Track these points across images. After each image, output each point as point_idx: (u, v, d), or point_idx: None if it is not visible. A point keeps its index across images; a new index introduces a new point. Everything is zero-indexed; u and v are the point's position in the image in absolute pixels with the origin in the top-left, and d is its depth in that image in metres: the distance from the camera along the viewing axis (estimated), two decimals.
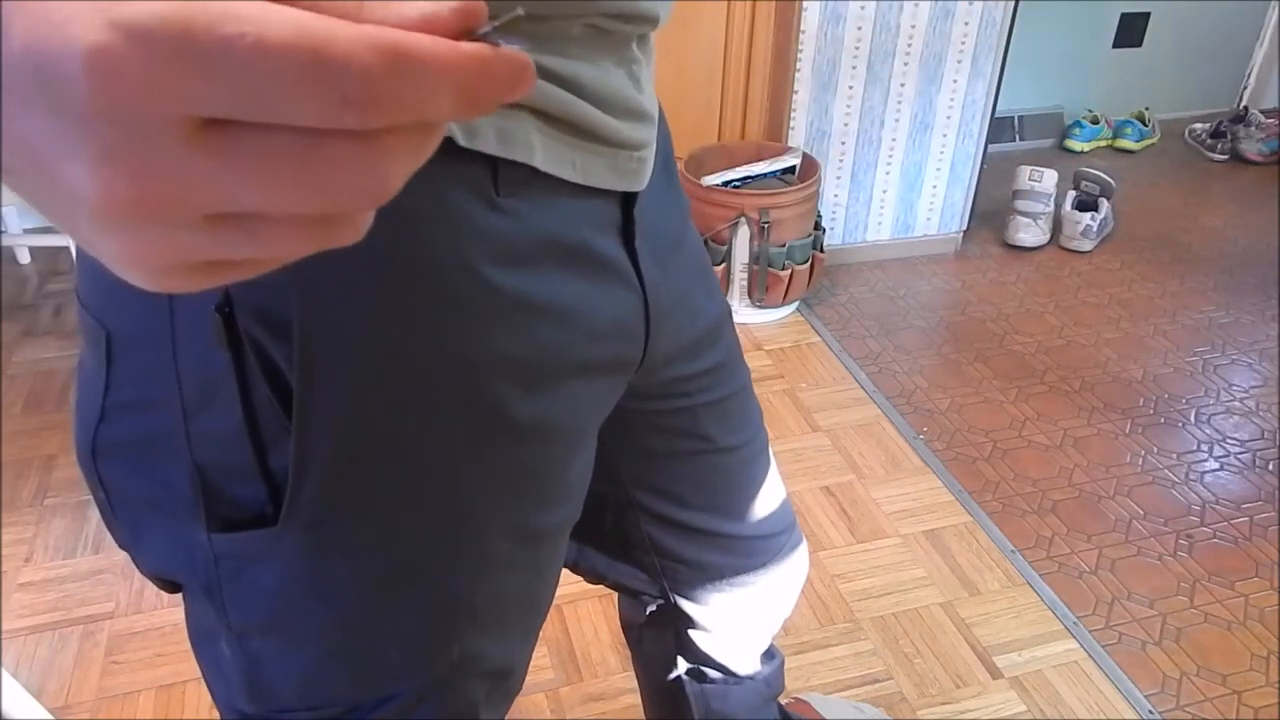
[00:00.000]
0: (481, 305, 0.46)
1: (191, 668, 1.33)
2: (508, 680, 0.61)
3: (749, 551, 0.81)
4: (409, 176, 0.23)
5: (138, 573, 1.58)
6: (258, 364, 0.44)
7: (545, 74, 0.44)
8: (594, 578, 0.84)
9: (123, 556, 1.50)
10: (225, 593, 0.49)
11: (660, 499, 0.75)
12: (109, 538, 1.61)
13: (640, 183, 0.54)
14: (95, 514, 1.60)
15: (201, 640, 0.54)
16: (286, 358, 0.43)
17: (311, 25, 0.19)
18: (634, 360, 0.58)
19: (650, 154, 0.55)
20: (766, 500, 0.80)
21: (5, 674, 1.20)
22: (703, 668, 0.92)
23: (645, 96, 0.52)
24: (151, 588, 1.47)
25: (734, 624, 0.86)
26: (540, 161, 0.46)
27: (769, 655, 0.96)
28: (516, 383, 0.49)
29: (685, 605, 0.84)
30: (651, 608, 0.89)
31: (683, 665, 0.92)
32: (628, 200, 0.54)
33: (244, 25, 0.18)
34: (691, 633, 0.87)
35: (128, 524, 0.51)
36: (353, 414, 0.45)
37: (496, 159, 0.44)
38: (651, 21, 0.49)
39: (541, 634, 1.39)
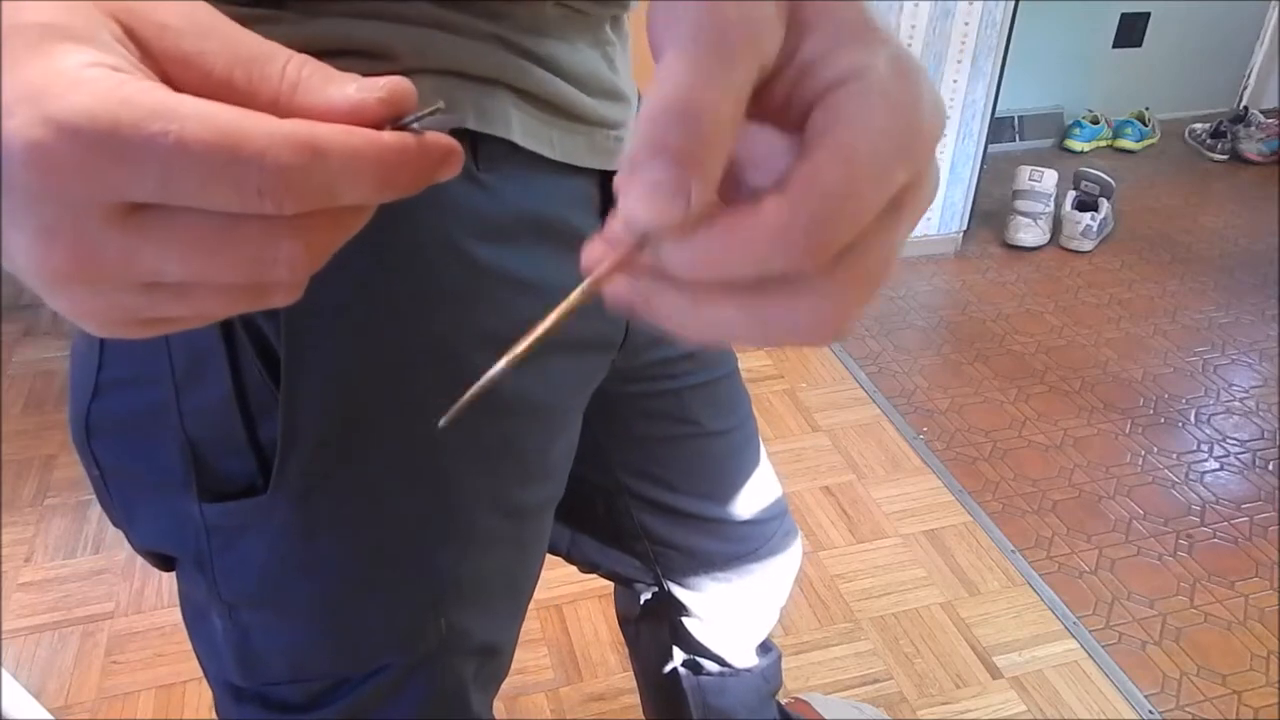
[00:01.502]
0: (463, 279, 0.47)
1: (191, 668, 1.33)
2: (495, 660, 0.62)
3: (740, 537, 0.81)
4: (335, 248, 0.24)
5: (138, 573, 1.59)
6: (247, 337, 0.45)
7: (521, 52, 0.46)
8: (588, 567, 0.84)
9: (123, 556, 1.51)
10: (216, 565, 0.50)
11: (650, 484, 0.76)
12: (109, 538, 1.62)
13: (617, 162, 0.54)
14: (95, 514, 1.60)
15: (194, 616, 0.54)
16: (275, 331, 0.44)
17: (230, 123, 0.21)
18: (616, 339, 0.59)
19: (627, 134, 0.56)
20: (756, 486, 0.80)
21: (5, 674, 1.20)
22: (699, 659, 0.92)
23: (620, 78, 0.54)
24: (152, 587, 1.48)
25: (728, 612, 0.87)
26: (518, 136, 0.47)
27: (765, 649, 0.96)
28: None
29: (679, 593, 0.84)
30: (646, 596, 0.89)
31: (679, 656, 0.93)
32: (606, 180, 0.55)
33: (167, 124, 0.20)
34: (686, 621, 0.88)
35: (121, 500, 0.52)
36: (339, 385, 0.46)
37: (476, 133, 0.45)
38: (622, 3, 0.51)
39: (541, 634, 1.41)
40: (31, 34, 0.21)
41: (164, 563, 0.53)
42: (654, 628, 0.93)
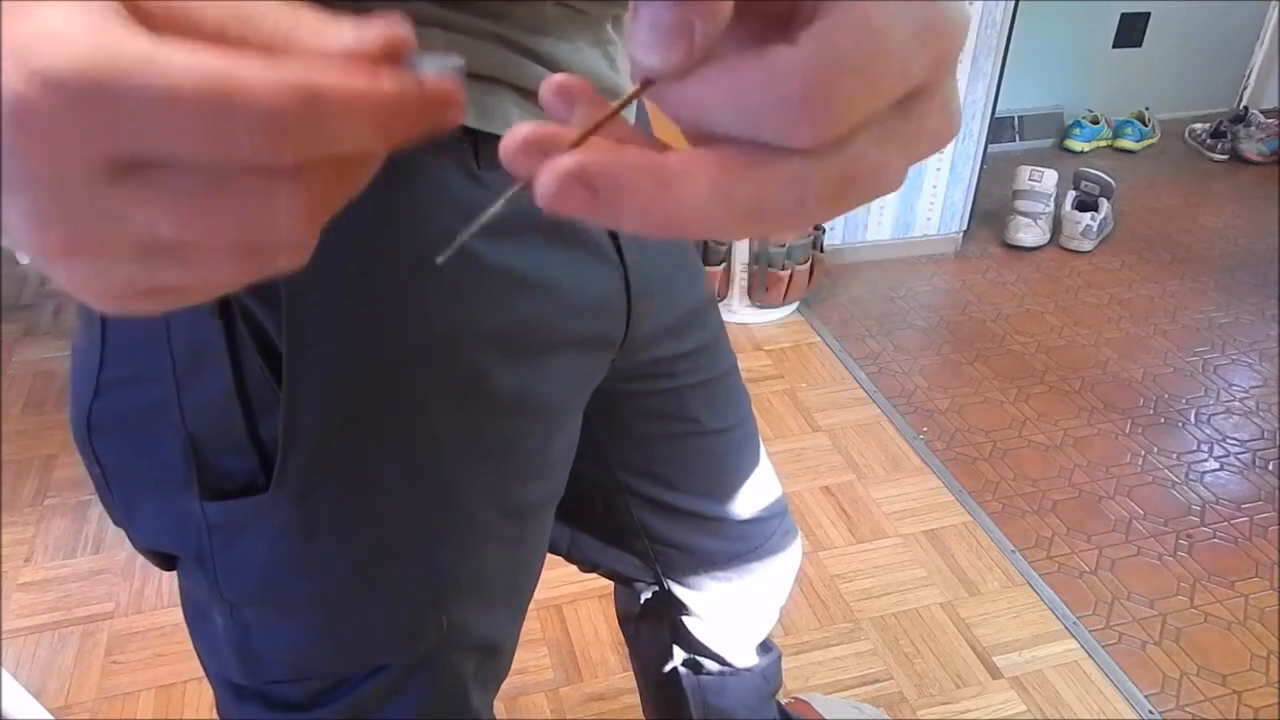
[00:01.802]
0: (464, 276, 0.47)
1: (191, 668, 1.33)
2: (496, 658, 0.62)
3: (740, 536, 0.81)
4: (337, 204, 0.23)
5: (138, 572, 1.59)
6: (248, 333, 0.45)
7: (522, 51, 0.46)
8: (588, 566, 0.84)
9: (123, 556, 1.51)
10: (217, 563, 0.50)
11: (650, 483, 0.76)
12: (109, 537, 1.62)
13: None
14: (95, 514, 1.60)
15: (195, 615, 0.54)
16: (276, 326, 0.44)
17: (221, 71, 0.20)
18: (616, 337, 0.59)
19: None
20: (756, 485, 0.80)
21: (5, 674, 1.20)
22: (699, 658, 0.92)
23: (621, 77, 0.54)
24: (152, 587, 1.48)
25: (728, 611, 0.87)
26: None
27: (765, 648, 0.96)
28: (499, 354, 0.50)
29: (679, 591, 0.84)
30: (646, 595, 0.89)
31: (679, 656, 0.93)
32: None
33: (155, 75, 0.19)
34: (686, 620, 0.88)
35: (123, 499, 0.52)
36: (340, 382, 0.46)
37: (476, 131, 0.45)
38: (623, 3, 0.51)
39: (541, 634, 1.41)
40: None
41: (165, 561, 0.53)
42: (654, 627, 0.93)
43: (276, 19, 0.22)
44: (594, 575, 0.87)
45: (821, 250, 2.19)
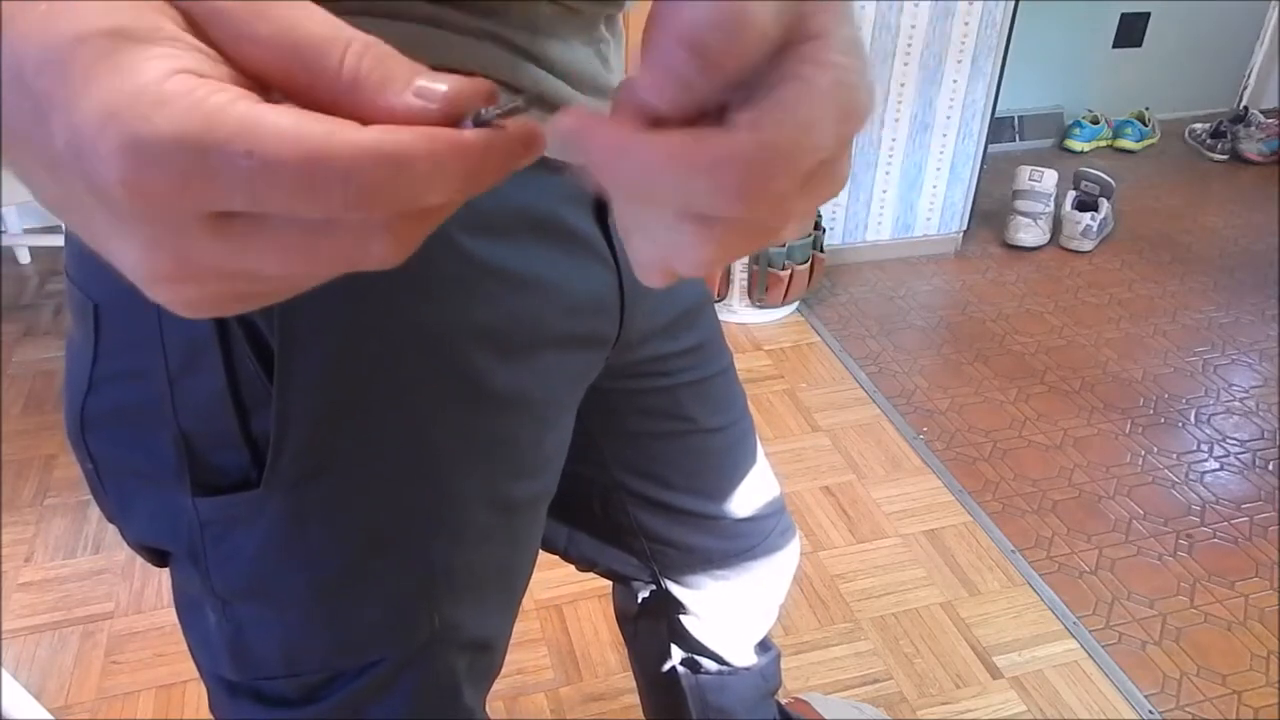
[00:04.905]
0: (457, 272, 0.47)
1: (191, 668, 1.32)
2: (488, 654, 0.62)
3: (736, 534, 0.81)
4: (426, 235, 0.25)
5: (138, 573, 1.59)
6: (240, 329, 0.45)
7: (515, 49, 0.46)
8: (585, 565, 0.84)
9: (123, 556, 1.51)
10: (209, 558, 0.50)
11: (645, 481, 0.76)
12: (109, 538, 1.62)
13: None
14: (95, 514, 1.60)
15: (187, 610, 0.54)
16: (268, 323, 0.44)
17: (312, 141, 0.21)
18: (610, 336, 0.60)
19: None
20: (752, 484, 0.80)
21: (5, 674, 1.20)
22: (697, 657, 0.92)
23: (614, 75, 0.54)
24: (151, 587, 1.48)
25: (726, 609, 0.87)
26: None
27: (764, 647, 0.96)
28: (492, 351, 0.50)
29: (676, 590, 0.84)
30: (644, 594, 0.89)
31: (677, 655, 0.93)
32: None
33: (250, 145, 0.20)
34: (684, 619, 0.88)
35: (115, 494, 0.52)
36: (332, 378, 0.46)
37: None
38: (618, 2, 0.51)
39: (541, 634, 1.41)
40: (102, 44, 0.21)
41: (158, 558, 0.53)
42: (652, 626, 0.93)
43: (340, 65, 0.23)
44: (593, 575, 0.87)
45: (821, 250, 2.19)
